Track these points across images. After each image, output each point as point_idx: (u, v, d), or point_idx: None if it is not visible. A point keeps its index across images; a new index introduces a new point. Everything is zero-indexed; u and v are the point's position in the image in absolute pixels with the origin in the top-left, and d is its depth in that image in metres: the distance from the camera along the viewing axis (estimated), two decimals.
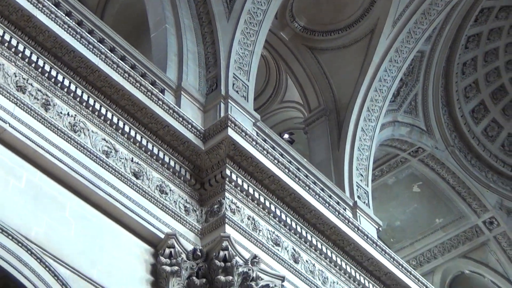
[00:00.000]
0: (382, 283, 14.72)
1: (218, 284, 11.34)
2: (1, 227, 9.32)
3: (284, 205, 13.32)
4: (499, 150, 24.77)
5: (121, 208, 11.20)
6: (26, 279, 9.41)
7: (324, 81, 19.65)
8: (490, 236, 24.58)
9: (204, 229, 12.20)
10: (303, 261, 13.36)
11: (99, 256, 10.63)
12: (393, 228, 24.58)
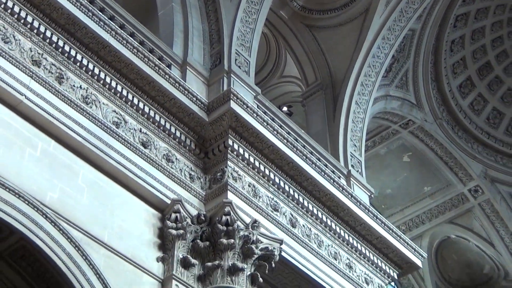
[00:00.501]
0: (374, 246, 14.77)
1: (221, 247, 11.39)
2: (18, 193, 9.36)
3: (282, 173, 13.34)
4: (484, 123, 24.74)
5: (130, 176, 11.25)
6: (42, 241, 9.46)
7: (321, 57, 19.59)
8: (475, 203, 24.64)
9: (208, 196, 12.24)
10: (300, 226, 13.40)
11: (110, 220, 10.68)
12: (384, 196, 24.64)
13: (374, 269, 14.74)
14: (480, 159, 24.53)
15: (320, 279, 13.20)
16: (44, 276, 9.79)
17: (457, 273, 26.48)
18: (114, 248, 10.44)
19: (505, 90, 24.71)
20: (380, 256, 14.87)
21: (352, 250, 14.33)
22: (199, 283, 11.17)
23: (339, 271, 13.71)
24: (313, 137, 16.09)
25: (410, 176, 24.58)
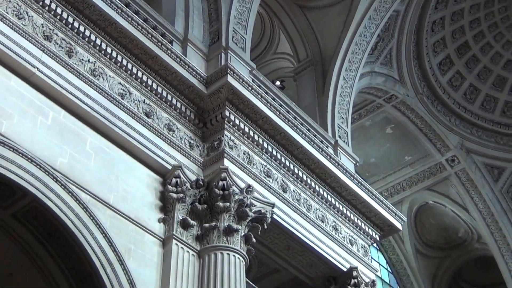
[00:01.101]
0: (358, 210, 14.84)
1: (217, 209, 11.43)
2: (30, 158, 9.37)
3: (275, 142, 13.35)
4: (461, 98, 24.76)
5: (134, 143, 11.25)
6: (52, 203, 9.49)
7: (311, 36, 19.50)
8: (451, 172, 24.75)
9: (206, 162, 12.25)
10: (291, 191, 13.44)
11: (115, 184, 10.70)
12: (369, 164, 24.72)
13: (358, 231, 14.82)
14: (457, 131, 24.59)
15: (309, 240, 13.27)
16: (55, 235, 9.81)
17: (434, 235, 26.67)
18: (119, 210, 10.47)
19: (481, 68, 24.71)
20: (364, 219, 14.95)
21: (338, 214, 14.40)
22: (197, 242, 11.22)
23: (326, 233, 13.78)
24: (303, 109, 16.08)
25: (392, 147, 24.65)
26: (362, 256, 14.47)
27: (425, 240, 26.73)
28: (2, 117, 9.43)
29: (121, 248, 10.05)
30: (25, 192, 9.41)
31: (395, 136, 24.34)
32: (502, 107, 25.17)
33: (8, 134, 9.35)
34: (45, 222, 9.74)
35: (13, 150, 9.24)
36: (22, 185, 9.26)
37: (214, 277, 10.76)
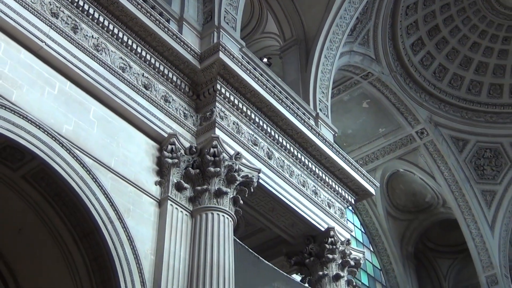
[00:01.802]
0: (335, 176, 14.91)
1: (208, 174, 11.46)
2: (38, 125, 9.34)
3: (262, 114, 13.34)
4: (431, 76, 24.82)
5: (134, 113, 11.22)
6: (58, 166, 9.49)
7: (296, 17, 19.37)
8: (420, 143, 24.90)
9: (199, 131, 12.25)
10: (275, 158, 13.48)
11: (116, 150, 10.70)
12: (346, 135, 24.81)
13: (335, 195, 14.91)
14: (427, 106, 24.70)
15: (291, 203, 13.35)
16: (61, 194, 9.83)
17: (403, 200, 26.92)
18: (119, 173, 10.49)
19: (449, 49, 24.74)
20: (341, 184, 15.04)
21: (317, 179, 14.47)
22: (190, 203, 11.26)
23: (306, 196, 13.86)
24: (288, 84, 16.07)
25: (368, 119, 24.75)
26: (338, 217, 14.58)
27: (396, 204, 26.98)
28: (13, 87, 9.37)
29: (121, 207, 10.08)
30: (33, 156, 9.39)
31: (370, 110, 24.41)
32: (468, 85, 25.27)
33: (18, 103, 9.31)
34: (52, 183, 9.75)
35: (23, 117, 9.20)
36: (30, 149, 9.24)
37: (205, 235, 10.83)
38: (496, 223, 24.83)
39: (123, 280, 9.55)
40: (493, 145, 25.46)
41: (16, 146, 9.26)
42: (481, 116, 25.30)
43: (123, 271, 9.59)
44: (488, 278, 23.92)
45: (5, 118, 8.99)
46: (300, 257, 13.97)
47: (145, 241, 10.26)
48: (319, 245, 13.83)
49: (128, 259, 9.74)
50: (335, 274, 13.57)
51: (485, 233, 24.53)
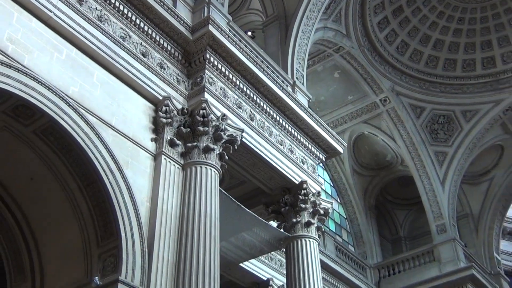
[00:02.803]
0: (309, 137, 14.93)
1: (198, 133, 11.44)
2: (47, 86, 9.25)
3: (246, 81, 13.27)
4: (394, 51, 24.80)
5: (132, 77, 11.11)
6: (66, 123, 9.43)
7: None
8: (383, 110, 25.04)
9: (190, 95, 12.18)
10: (257, 120, 13.47)
11: (117, 110, 10.63)
12: (319, 101, 24.86)
13: (308, 153, 14.96)
14: (390, 77, 24.76)
15: (270, 159, 13.39)
16: (67, 148, 9.78)
17: (367, 159, 27.16)
18: (120, 130, 10.43)
19: (411, 27, 24.67)
20: (313, 144, 15.08)
21: (293, 139, 14.50)
22: (181, 158, 11.27)
23: (283, 153, 13.90)
24: (269, 55, 15.95)
25: (338, 88, 24.80)
26: (311, 172, 14.67)
27: (360, 162, 27.22)
28: (25, 52, 9.26)
29: (121, 160, 10.07)
30: (43, 113, 9.32)
31: (340, 80, 24.45)
32: (426, 59, 25.30)
33: (30, 66, 9.21)
34: (60, 138, 9.69)
35: (34, 79, 9.11)
36: (40, 108, 9.16)
37: (194, 185, 10.87)
38: (446, 180, 25.15)
39: (123, 223, 9.58)
40: (446, 113, 25.65)
41: (27, 104, 9.18)
42: (437, 86, 25.41)
43: (122, 216, 9.62)
44: (438, 227, 24.34)
45: (18, 79, 8.90)
46: (277, 206, 14.07)
47: (141, 190, 10.28)
48: (294, 196, 13.93)
49: (127, 205, 9.76)
50: (306, 221, 13.70)
51: (437, 188, 24.88)
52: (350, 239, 26.46)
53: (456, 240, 23.87)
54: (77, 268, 9.88)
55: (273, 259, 17.51)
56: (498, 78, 25.18)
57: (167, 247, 9.96)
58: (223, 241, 12.67)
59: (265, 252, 14.87)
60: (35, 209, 10.52)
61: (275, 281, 16.98)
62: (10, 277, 10.82)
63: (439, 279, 22.41)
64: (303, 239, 13.48)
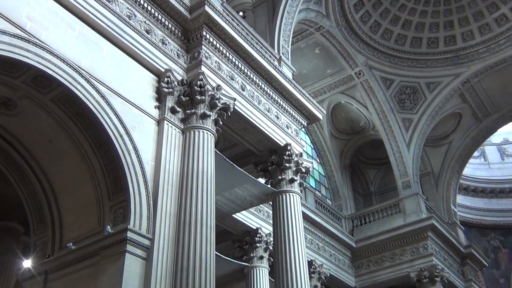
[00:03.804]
0: (292, 105, 14.89)
1: (196, 101, 11.38)
2: (62, 59, 9.14)
3: (237, 55, 13.15)
4: (368, 30, 24.57)
5: (138, 52, 10.97)
6: (79, 91, 9.37)
7: None
8: (358, 82, 24.97)
9: (188, 68, 12.06)
10: (247, 90, 13.40)
11: (124, 81, 10.52)
12: (302, 74, 24.72)
13: (292, 120, 14.95)
14: (364, 53, 24.61)
15: (258, 124, 13.38)
16: (81, 114, 9.73)
17: (343, 124, 27.21)
18: (127, 98, 10.35)
19: (383, 9, 24.39)
20: (297, 111, 15.06)
21: (279, 107, 14.47)
22: (181, 123, 11.23)
23: (270, 119, 13.89)
24: (258, 33, 15.75)
25: (319, 62, 24.65)
26: (294, 136, 14.69)
27: (337, 127, 27.27)
28: (42, 28, 9.11)
29: (128, 125, 10.03)
30: (58, 83, 9.22)
31: (321, 55, 24.28)
32: (395, 38, 25.11)
33: (46, 41, 9.07)
34: (74, 105, 9.62)
35: (50, 52, 8.99)
36: (57, 78, 9.08)
37: (192, 147, 10.87)
38: (411, 143, 25.29)
39: (130, 179, 9.61)
40: (412, 84, 25.63)
41: (45, 75, 9.08)
42: (405, 61, 25.32)
43: (130, 173, 9.64)
44: (403, 183, 24.56)
45: (36, 53, 8.79)
46: (265, 165, 14.13)
47: (147, 151, 10.27)
48: (279, 156, 13.98)
49: (134, 164, 9.77)
50: (290, 178, 13.78)
51: (403, 150, 25.03)
52: (328, 194, 26.68)
53: (419, 194, 24.14)
54: (91, 218, 9.94)
55: (261, 211, 17.65)
56: (458, 54, 25.14)
57: (170, 200, 10.02)
58: (218, 195, 12.75)
59: (255, 205, 14.98)
60: (54, 167, 10.51)
61: (263, 230, 17.17)
62: (33, 227, 10.88)
63: (403, 227, 22.71)
64: (287, 194, 13.58)
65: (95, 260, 9.32)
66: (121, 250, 8.98)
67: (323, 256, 21.27)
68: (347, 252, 22.96)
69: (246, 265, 16.43)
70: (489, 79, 25.62)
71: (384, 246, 22.73)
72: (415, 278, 21.59)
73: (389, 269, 22.33)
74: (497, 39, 24.53)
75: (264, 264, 16.52)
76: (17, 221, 15.50)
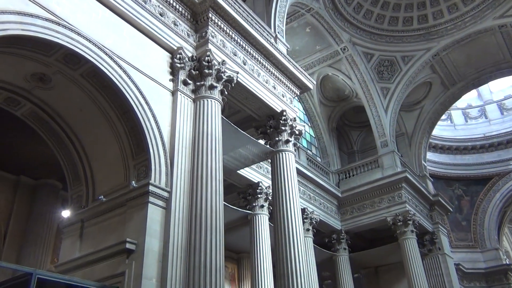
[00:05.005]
0: (287, 77, 14.75)
1: (204, 74, 11.29)
2: (88, 39, 9.03)
3: (239, 34, 12.96)
4: (352, 11, 24.08)
5: (154, 32, 10.82)
6: (104, 67, 9.29)
7: None
8: (343, 56, 24.65)
9: (197, 46, 11.90)
10: (248, 64, 13.26)
11: (142, 58, 10.40)
12: (295, 50, 24.40)
13: (287, 89, 14.85)
14: (348, 31, 24.21)
15: (258, 94, 13.30)
16: (107, 87, 9.66)
17: (330, 93, 27.00)
18: (145, 73, 10.26)
19: None
20: (290, 82, 14.94)
21: (275, 78, 14.35)
22: (192, 93, 11.16)
23: (268, 89, 13.80)
24: (257, 15, 15.46)
25: (310, 40, 24.28)
26: (289, 103, 14.63)
27: (325, 96, 27.08)
28: (70, 12, 8.97)
29: (147, 96, 9.98)
30: (86, 60, 9.13)
31: (311, 33, 23.90)
32: (375, 17, 24.64)
33: (74, 24, 8.94)
34: (100, 79, 9.55)
35: (78, 33, 8.87)
36: (84, 56, 8.98)
37: (202, 114, 10.84)
38: (389, 108, 25.19)
39: (150, 142, 9.63)
40: (390, 58, 25.31)
41: (74, 53, 8.97)
42: (383, 38, 24.93)
43: (150, 137, 9.65)
44: (381, 143, 24.59)
45: (66, 34, 8.67)
46: (264, 129, 14.12)
47: (163, 118, 10.25)
48: (276, 121, 13.96)
49: (153, 128, 9.77)
50: (286, 139, 13.80)
51: (382, 115, 24.95)
52: (317, 153, 26.76)
53: (395, 152, 24.20)
54: (118, 175, 10.01)
55: (262, 167, 17.74)
56: (429, 31, 24.74)
57: (184, 159, 10.06)
58: (225, 155, 12.80)
59: (256, 162, 15.05)
60: (85, 132, 10.52)
61: (263, 183, 17.29)
62: (70, 183, 10.97)
63: (381, 180, 22.85)
64: (283, 153, 13.62)
65: (122, 209, 9.44)
66: (144, 201, 9.07)
67: (313, 204, 21.49)
68: (334, 201, 23.19)
69: (249, 213, 16.64)
70: (456, 52, 25.32)
71: (365, 196, 22.92)
72: (391, 221, 21.85)
73: (369, 214, 22.58)
74: (463, 17, 24.11)
75: (264, 212, 16.73)
76: (56, 178, 15.64)
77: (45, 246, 14.94)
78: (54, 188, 15.88)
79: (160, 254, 8.73)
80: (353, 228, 22.78)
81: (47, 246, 14.99)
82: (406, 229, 21.49)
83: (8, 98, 10.22)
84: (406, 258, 21.00)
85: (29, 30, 8.08)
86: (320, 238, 22.03)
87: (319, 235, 21.72)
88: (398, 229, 21.65)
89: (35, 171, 15.34)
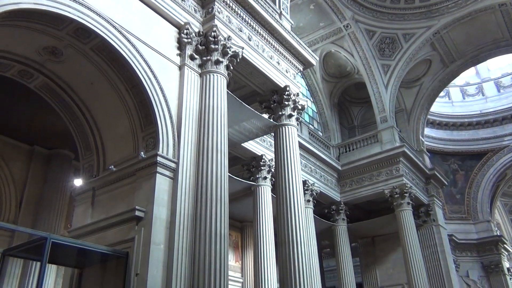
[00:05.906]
0: (291, 53, 14.57)
1: (211, 49, 11.17)
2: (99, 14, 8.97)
3: (245, 11, 12.76)
4: None
5: (161, 7, 10.68)
6: (114, 42, 9.24)
7: None
8: (346, 33, 24.31)
9: (204, 21, 11.75)
10: (253, 40, 13.11)
11: (151, 33, 10.32)
12: (299, 27, 24.06)
13: (290, 65, 14.72)
14: (351, 9, 23.80)
15: (263, 69, 13.19)
16: (116, 60, 9.61)
17: (333, 69, 26.75)
18: (153, 47, 10.18)
19: None
20: (294, 58, 14.78)
21: (279, 54, 14.20)
22: (199, 68, 11.08)
23: (272, 65, 13.68)
24: None
25: (313, 17, 23.92)
26: (292, 79, 14.52)
27: (328, 72, 26.84)
28: None
29: (156, 70, 9.93)
30: (96, 35, 9.06)
31: (315, 11, 23.52)
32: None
33: None
34: (110, 53, 9.49)
35: (88, 8, 8.79)
36: (94, 30, 8.91)
37: (208, 88, 10.79)
38: (389, 85, 24.99)
39: (159, 114, 9.63)
40: (391, 35, 24.95)
41: (85, 28, 8.91)
42: (385, 15, 24.51)
43: (158, 109, 9.65)
44: (381, 118, 24.50)
45: (76, 8, 8.59)
46: (268, 103, 14.07)
47: (171, 91, 10.22)
48: (280, 96, 13.89)
49: (161, 101, 9.76)
50: (289, 114, 13.76)
51: (382, 91, 24.78)
52: (319, 127, 26.72)
53: (394, 127, 24.13)
54: (128, 146, 10.06)
55: (265, 141, 17.77)
56: (431, 9, 24.29)
57: (190, 131, 10.08)
58: (230, 128, 12.80)
59: (260, 135, 15.05)
60: (96, 105, 10.52)
61: (266, 156, 17.35)
62: (81, 153, 11.03)
63: (380, 154, 22.87)
64: (286, 126, 13.61)
65: (132, 179, 9.52)
66: (153, 171, 9.14)
67: (314, 176, 21.59)
68: (334, 173, 23.28)
69: (253, 184, 16.75)
70: (456, 30, 24.90)
71: (364, 169, 22.98)
72: (388, 194, 21.97)
73: (368, 187, 22.69)
74: None
75: (267, 183, 16.83)
76: (69, 149, 15.75)
77: (59, 212, 15.17)
78: (67, 157, 16.01)
79: (167, 221, 8.85)
80: (351, 199, 22.94)
81: (60, 212, 15.22)
82: (403, 201, 21.63)
83: (22, 71, 10.19)
84: (402, 229, 21.20)
85: (41, 4, 7.99)
86: (320, 209, 22.22)
87: (319, 206, 21.91)
88: (395, 201, 21.78)
89: (49, 141, 15.45)
